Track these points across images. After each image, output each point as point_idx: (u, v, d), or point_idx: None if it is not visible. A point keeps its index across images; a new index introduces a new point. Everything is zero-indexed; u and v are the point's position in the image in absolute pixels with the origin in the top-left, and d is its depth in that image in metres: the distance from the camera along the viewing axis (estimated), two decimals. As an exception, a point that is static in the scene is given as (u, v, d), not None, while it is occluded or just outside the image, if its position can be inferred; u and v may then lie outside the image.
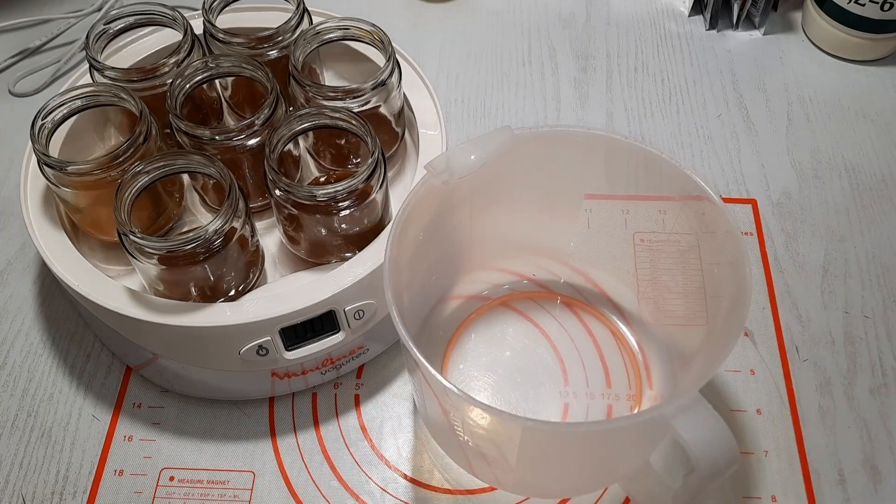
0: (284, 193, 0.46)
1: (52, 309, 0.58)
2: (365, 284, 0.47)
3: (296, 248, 0.51)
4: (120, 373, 0.54)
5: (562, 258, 0.55)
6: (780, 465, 0.49)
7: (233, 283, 0.49)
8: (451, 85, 0.71)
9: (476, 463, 0.45)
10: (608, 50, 0.73)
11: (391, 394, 0.53)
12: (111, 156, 0.47)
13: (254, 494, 0.49)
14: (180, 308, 0.46)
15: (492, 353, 0.53)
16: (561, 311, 0.55)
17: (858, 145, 0.65)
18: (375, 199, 0.48)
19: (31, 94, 0.71)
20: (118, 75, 0.51)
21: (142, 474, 0.50)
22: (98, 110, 0.52)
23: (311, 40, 0.53)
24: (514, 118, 0.68)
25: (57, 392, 0.54)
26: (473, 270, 0.56)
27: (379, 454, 0.51)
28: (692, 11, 0.75)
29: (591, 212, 0.51)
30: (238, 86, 0.57)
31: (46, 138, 0.48)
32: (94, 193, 0.48)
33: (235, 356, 0.46)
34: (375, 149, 0.46)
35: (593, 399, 0.51)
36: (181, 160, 0.47)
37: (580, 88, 0.70)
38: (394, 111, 0.54)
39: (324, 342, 0.48)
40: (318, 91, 0.50)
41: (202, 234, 0.43)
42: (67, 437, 0.52)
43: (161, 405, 0.53)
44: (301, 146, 0.54)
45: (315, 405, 0.53)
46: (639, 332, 0.54)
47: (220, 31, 0.53)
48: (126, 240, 0.44)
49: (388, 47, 0.52)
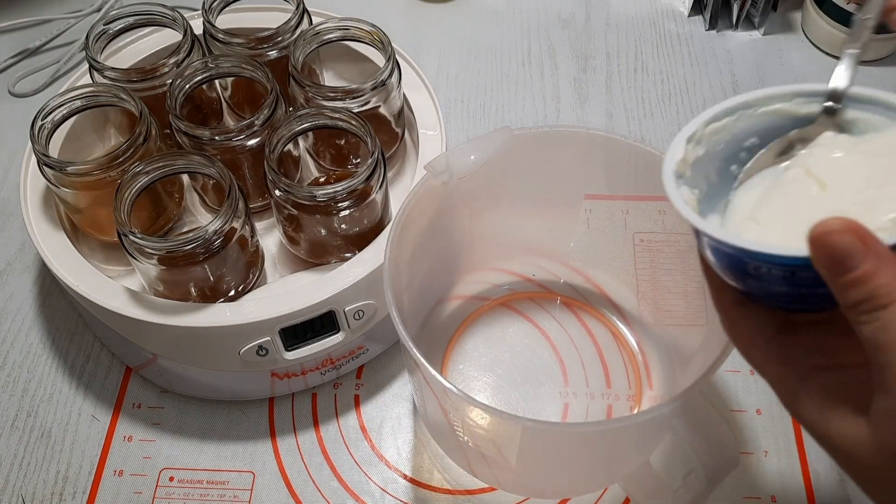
0: (284, 194, 0.46)
1: (52, 309, 0.58)
2: (365, 285, 0.47)
3: (296, 249, 0.51)
4: (120, 373, 0.54)
5: (562, 258, 0.55)
6: (780, 465, 0.49)
7: (233, 284, 0.49)
8: (451, 85, 0.71)
9: (476, 463, 0.45)
10: (608, 50, 0.73)
11: (391, 394, 0.53)
12: (111, 156, 0.47)
13: (253, 495, 0.49)
14: (180, 308, 0.46)
15: (492, 353, 0.53)
16: (561, 312, 0.55)
17: (858, 145, 0.65)
18: (375, 199, 0.48)
19: (31, 94, 0.71)
20: (118, 75, 0.51)
21: (142, 475, 0.50)
22: (98, 110, 0.52)
23: (310, 41, 0.53)
24: (514, 118, 0.68)
25: (57, 392, 0.54)
26: (473, 270, 0.56)
27: (379, 454, 0.51)
28: (692, 12, 0.75)
29: (591, 212, 0.51)
30: (238, 86, 0.57)
31: (46, 138, 0.48)
32: (93, 194, 0.48)
33: (235, 356, 0.46)
34: (375, 149, 0.46)
35: (593, 399, 0.51)
36: (181, 160, 0.47)
37: (580, 88, 0.70)
38: (393, 111, 0.54)
39: (324, 342, 0.48)
40: (318, 91, 0.50)
41: (202, 234, 0.43)
42: (67, 438, 0.52)
43: (161, 405, 0.53)
44: (301, 146, 0.54)
45: (315, 405, 0.53)
46: (639, 332, 0.54)
47: (220, 31, 0.53)
48: (126, 240, 0.44)
49: (387, 47, 0.52)
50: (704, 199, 0.34)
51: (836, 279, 0.26)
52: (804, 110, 0.33)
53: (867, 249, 0.25)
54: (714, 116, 0.34)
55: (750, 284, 0.30)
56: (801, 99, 0.33)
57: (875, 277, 0.25)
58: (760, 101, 0.34)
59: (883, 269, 0.25)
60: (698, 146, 0.34)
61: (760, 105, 0.34)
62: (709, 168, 0.34)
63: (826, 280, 0.26)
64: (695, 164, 0.34)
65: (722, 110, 0.34)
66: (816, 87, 0.33)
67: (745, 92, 0.34)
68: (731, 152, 0.35)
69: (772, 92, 0.34)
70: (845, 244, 0.25)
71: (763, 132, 0.34)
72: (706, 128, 0.34)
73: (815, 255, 0.26)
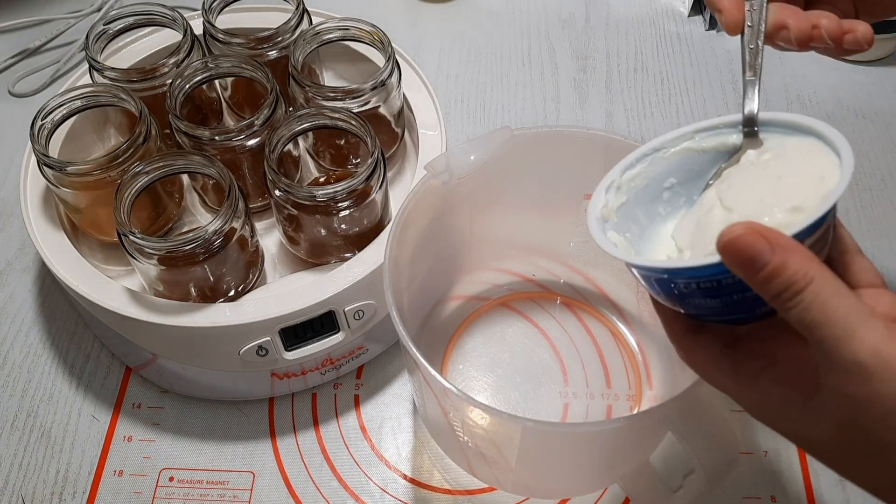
0: (284, 194, 0.46)
1: (52, 309, 0.58)
2: (365, 285, 0.47)
3: (296, 249, 0.51)
4: (120, 373, 0.54)
5: (562, 258, 0.55)
6: (780, 465, 0.49)
7: (232, 284, 0.49)
8: (451, 85, 0.71)
9: (476, 463, 0.45)
10: (608, 50, 0.73)
11: (391, 394, 0.53)
12: (111, 156, 0.47)
13: (253, 495, 0.49)
14: (180, 308, 0.46)
15: (492, 353, 0.53)
16: (561, 312, 0.55)
17: (858, 146, 0.65)
18: (375, 199, 0.48)
19: (31, 94, 0.71)
20: (118, 76, 0.51)
21: (141, 475, 0.50)
22: (98, 110, 0.52)
23: (310, 41, 0.53)
24: (514, 118, 0.68)
25: (57, 392, 0.54)
26: (473, 270, 0.56)
27: (379, 454, 0.51)
28: (692, 12, 0.75)
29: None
30: (238, 86, 0.57)
31: (46, 138, 0.48)
32: (93, 194, 0.48)
33: (235, 356, 0.46)
34: (375, 149, 0.46)
35: (593, 399, 0.51)
36: (181, 160, 0.47)
37: (580, 88, 0.70)
38: (393, 111, 0.54)
39: (323, 342, 0.48)
40: (318, 91, 0.50)
41: (202, 234, 0.43)
42: (67, 438, 0.52)
43: (161, 405, 0.53)
44: (301, 146, 0.54)
45: (315, 405, 0.53)
46: (638, 332, 0.54)
47: (219, 31, 0.53)
48: (126, 240, 0.44)
49: (387, 47, 0.52)
50: (637, 240, 0.37)
51: (754, 277, 0.27)
52: (710, 144, 0.36)
53: (772, 244, 0.27)
54: (629, 164, 0.37)
55: (688, 305, 0.32)
56: (703, 134, 0.36)
57: (787, 266, 0.27)
58: (668, 144, 0.37)
59: (791, 257, 0.27)
60: (619, 193, 0.37)
61: (669, 146, 0.37)
62: (636, 211, 0.37)
63: (746, 281, 0.28)
64: (620, 210, 0.37)
65: (635, 158, 0.37)
66: (713, 122, 0.36)
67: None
68: (653, 194, 0.37)
69: (676, 134, 0.36)
70: (751, 244, 0.27)
71: (679, 171, 0.37)
72: (622, 176, 0.37)
73: (728, 260, 0.28)
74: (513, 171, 0.46)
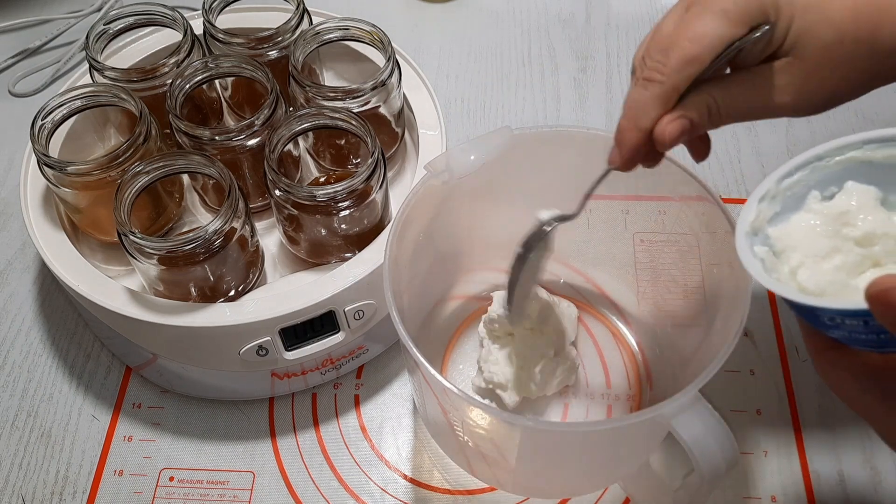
0: (284, 194, 0.46)
1: (52, 309, 0.58)
2: (365, 284, 0.47)
3: (296, 249, 0.51)
4: (120, 373, 0.54)
5: (562, 258, 0.55)
6: (780, 465, 0.49)
7: (233, 284, 0.49)
8: (451, 85, 0.71)
9: (476, 463, 0.45)
10: (608, 50, 0.73)
11: (391, 394, 0.53)
12: (111, 156, 0.47)
13: (253, 494, 0.49)
14: (180, 308, 0.46)
15: (492, 353, 0.53)
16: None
17: (858, 145, 0.65)
18: (375, 199, 0.48)
19: (31, 94, 0.71)
20: (118, 75, 0.51)
21: (142, 474, 0.50)
22: (98, 110, 0.52)
23: (310, 41, 0.53)
24: (514, 118, 0.68)
25: (57, 392, 0.54)
26: (473, 270, 0.56)
27: (379, 454, 0.51)
28: (692, 11, 0.75)
29: (591, 212, 0.51)
30: (238, 86, 0.57)
31: (46, 138, 0.48)
32: (93, 193, 0.48)
33: (235, 356, 0.46)
34: (375, 149, 0.46)
35: (593, 399, 0.51)
36: (181, 160, 0.47)
37: (580, 88, 0.70)
38: (393, 111, 0.54)
39: (324, 342, 0.48)
40: (318, 91, 0.50)
41: (202, 234, 0.43)
42: (67, 438, 0.52)
43: (161, 405, 0.53)
44: (301, 146, 0.54)
45: (315, 405, 0.53)
46: (639, 332, 0.54)
47: (220, 31, 0.53)
48: (126, 240, 0.44)
49: (387, 47, 0.52)
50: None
51: None
52: (879, 155, 0.34)
53: None
54: (787, 173, 0.35)
55: (833, 332, 0.32)
56: (872, 145, 0.34)
57: None
58: (832, 152, 0.35)
59: None
60: (774, 202, 0.35)
61: (833, 155, 0.35)
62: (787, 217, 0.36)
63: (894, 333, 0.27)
64: (772, 220, 0.35)
65: (794, 166, 0.35)
66: (886, 133, 0.34)
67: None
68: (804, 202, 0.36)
69: (841, 142, 0.35)
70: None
71: (842, 182, 0.35)
72: (779, 185, 0.35)
73: (877, 311, 0.27)
74: (513, 171, 0.46)
